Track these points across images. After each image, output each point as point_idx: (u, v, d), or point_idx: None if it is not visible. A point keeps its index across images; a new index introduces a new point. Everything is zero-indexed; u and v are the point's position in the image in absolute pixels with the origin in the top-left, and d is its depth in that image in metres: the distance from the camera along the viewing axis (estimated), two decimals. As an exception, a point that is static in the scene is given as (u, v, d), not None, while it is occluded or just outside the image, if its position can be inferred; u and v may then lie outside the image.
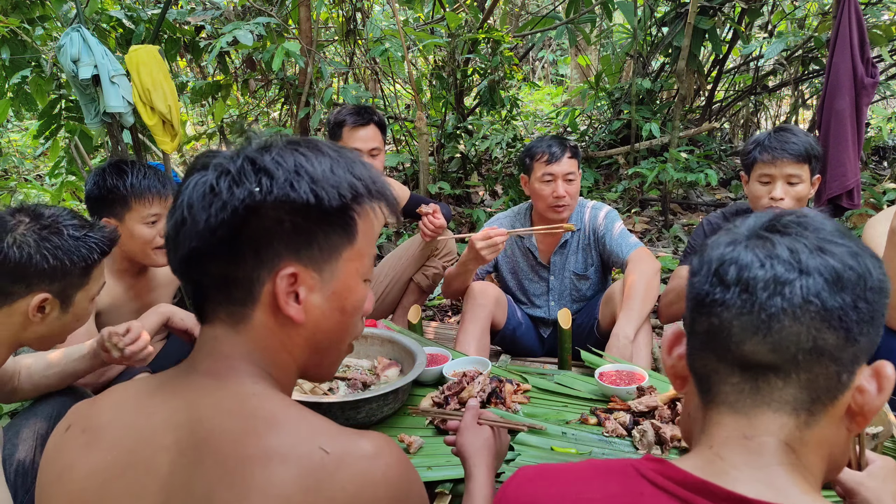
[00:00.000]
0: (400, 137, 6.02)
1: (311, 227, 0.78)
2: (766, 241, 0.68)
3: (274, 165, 0.76)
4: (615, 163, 5.70)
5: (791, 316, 0.64)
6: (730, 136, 6.69)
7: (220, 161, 0.78)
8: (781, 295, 0.65)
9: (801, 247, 0.66)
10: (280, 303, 0.78)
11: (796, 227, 0.68)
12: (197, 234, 0.76)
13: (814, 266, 0.65)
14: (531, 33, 5.96)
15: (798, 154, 2.08)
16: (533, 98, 10.06)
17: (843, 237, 0.68)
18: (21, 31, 4.15)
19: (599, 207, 2.63)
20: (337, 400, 1.65)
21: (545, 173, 2.46)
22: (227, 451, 0.71)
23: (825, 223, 0.69)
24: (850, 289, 0.65)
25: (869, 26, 4.36)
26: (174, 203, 0.80)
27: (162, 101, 3.78)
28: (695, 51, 4.90)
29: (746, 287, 0.66)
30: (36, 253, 1.36)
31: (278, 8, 4.86)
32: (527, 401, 1.83)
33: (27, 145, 7.50)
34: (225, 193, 0.75)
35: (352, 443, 0.73)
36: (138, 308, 2.16)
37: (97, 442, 0.78)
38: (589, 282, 2.65)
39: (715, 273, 0.69)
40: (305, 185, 0.76)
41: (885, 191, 4.67)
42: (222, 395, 0.76)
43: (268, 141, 0.80)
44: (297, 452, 0.70)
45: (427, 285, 2.93)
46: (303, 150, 0.79)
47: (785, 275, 0.65)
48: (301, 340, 0.82)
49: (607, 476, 0.71)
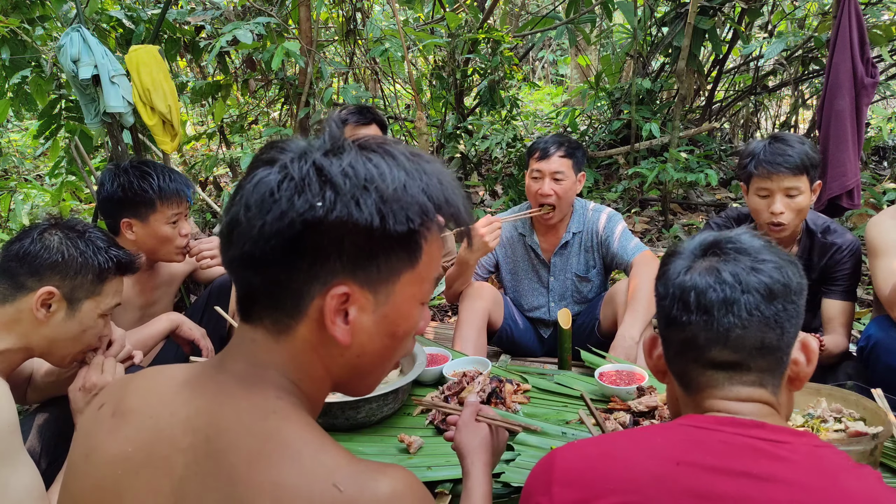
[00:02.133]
0: (400, 137, 6.02)
1: (373, 248, 0.72)
2: (714, 269, 0.89)
3: (342, 177, 0.70)
4: (615, 163, 5.70)
5: (741, 327, 0.87)
6: (730, 136, 6.68)
7: (286, 161, 0.73)
8: (732, 313, 0.87)
9: (740, 270, 0.88)
10: (327, 321, 0.73)
11: (733, 253, 0.90)
12: (251, 239, 0.71)
13: (752, 285, 0.87)
14: (531, 33, 5.95)
15: (794, 167, 2.02)
16: (533, 98, 10.06)
17: (770, 253, 0.90)
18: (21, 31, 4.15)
19: (601, 210, 2.62)
20: (337, 400, 1.65)
21: (534, 169, 2.48)
22: (240, 472, 0.69)
23: (753, 242, 0.92)
24: (780, 297, 0.88)
25: (869, 26, 4.35)
26: (233, 197, 0.75)
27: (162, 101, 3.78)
28: (695, 51, 4.90)
29: (706, 310, 0.88)
30: (55, 248, 1.41)
31: (278, 8, 4.86)
32: (527, 401, 1.83)
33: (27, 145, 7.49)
34: (284, 202, 0.70)
35: (369, 482, 0.67)
36: (143, 304, 2.17)
37: (121, 430, 0.78)
38: (590, 284, 2.65)
39: (679, 299, 0.90)
40: (372, 203, 0.70)
41: (885, 191, 4.66)
42: (245, 407, 0.73)
43: (341, 142, 0.74)
44: (309, 490, 0.66)
45: None
46: (377, 159, 0.72)
47: (732, 295, 0.87)
48: (343, 361, 0.78)
49: (659, 431, 0.90)
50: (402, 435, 1.64)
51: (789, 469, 0.79)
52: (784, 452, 0.81)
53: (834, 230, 2.20)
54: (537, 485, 0.89)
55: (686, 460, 0.82)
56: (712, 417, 0.87)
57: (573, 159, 2.47)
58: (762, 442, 0.82)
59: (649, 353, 0.99)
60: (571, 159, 2.47)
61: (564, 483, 0.85)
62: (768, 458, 0.80)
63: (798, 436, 0.84)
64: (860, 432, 1.40)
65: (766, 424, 0.85)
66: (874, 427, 1.42)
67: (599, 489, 0.83)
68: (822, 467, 0.80)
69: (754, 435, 0.83)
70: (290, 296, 0.73)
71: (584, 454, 0.89)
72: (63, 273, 1.41)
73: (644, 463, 0.83)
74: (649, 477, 0.81)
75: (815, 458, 0.81)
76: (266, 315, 0.76)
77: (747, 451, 0.81)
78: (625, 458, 0.85)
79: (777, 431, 0.84)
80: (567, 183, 2.46)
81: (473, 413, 1.27)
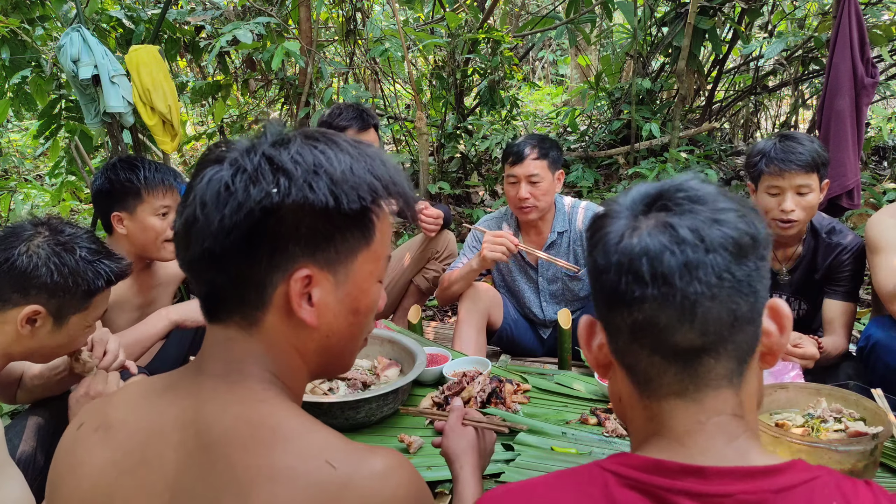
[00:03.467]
0: (400, 137, 6.02)
1: (330, 229, 0.75)
2: (667, 224, 0.68)
3: (292, 164, 0.73)
4: (615, 163, 5.69)
5: (709, 297, 0.67)
6: (730, 136, 6.68)
7: (235, 156, 0.75)
8: (698, 279, 0.66)
9: (700, 223, 0.67)
10: (293, 306, 0.75)
11: (687, 203, 0.70)
12: (210, 235, 0.72)
13: (717, 241, 0.67)
14: (531, 33, 5.95)
15: (806, 164, 2.02)
16: (533, 98, 10.06)
17: (726, 199, 0.70)
18: (21, 31, 4.15)
19: (578, 204, 2.62)
20: (337, 400, 1.65)
21: (509, 174, 2.47)
22: (235, 459, 0.70)
23: (705, 188, 0.72)
24: (750, 253, 0.68)
25: (869, 26, 4.35)
26: (185, 198, 0.76)
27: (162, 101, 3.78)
28: (695, 51, 4.90)
29: (664, 279, 0.67)
30: (43, 265, 1.35)
31: (278, 8, 4.86)
32: (527, 401, 1.83)
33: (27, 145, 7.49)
34: (241, 193, 0.72)
35: (361, 460, 0.70)
36: (141, 304, 2.17)
37: (110, 439, 0.78)
38: (582, 283, 2.64)
39: (628, 270, 0.68)
40: (324, 185, 0.72)
41: (885, 191, 4.66)
42: (231, 399, 0.75)
43: (285, 135, 0.77)
44: (304, 468, 0.68)
45: (427, 287, 2.94)
46: (322, 146, 0.75)
47: (694, 257, 0.66)
48: (314, 344, 0.80)
49: (574, 481, 0.72)
50: (402, 435, 1.64)
51: None
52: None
53: (839, 231, 2.20)
54: None
55: None
56: (640, 460, 0.69)
57: (547, 159, 2.44)
58: (687, 500, 0.65)
59: (587, 342, 0.78)
60: (546, 159, 2.44)
61: None
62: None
63: (753, 479, 0.66)
64: (860, 432, 1.40)
65: (706, 469, 0.66)
66: (874, 427, 1.42)
67: None
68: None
69: (685, 489, 0.65)
70: (253, 287, 0.75)
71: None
72: (50, 293, 1.36)
73: None
74: None
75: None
76: (235, 311, 0.77)
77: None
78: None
79: (722, 478, 0.65)
80: (544, 184, 2.44)
81: (459, 417, 1.27)
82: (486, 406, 1.73)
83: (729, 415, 0.70)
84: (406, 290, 2.97)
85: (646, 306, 0.68)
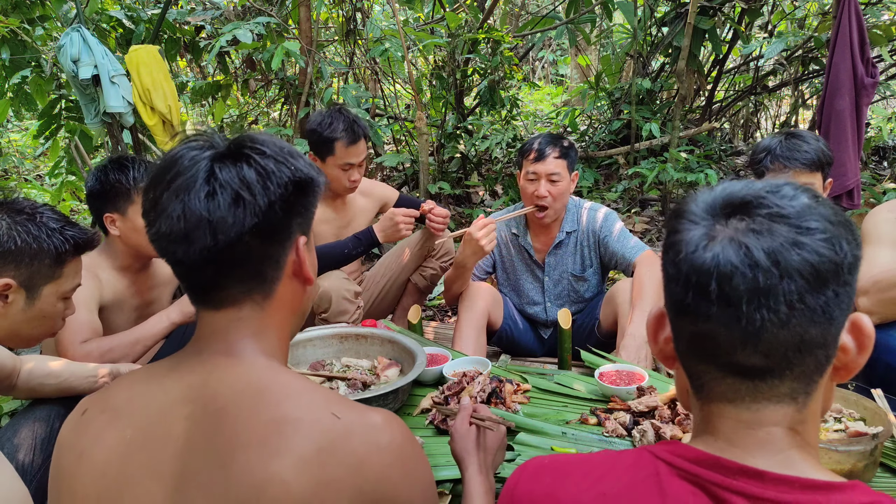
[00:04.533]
0: (400, 137, 6.02)
1: (312, 199, 0.87)
2: (741, 244, 0.65)
3: (274, 148, 0.83)
4: (615, 163, 5.70)
5: (778, 324, 0.64)
6: (730, 136, 6.68)
7: (218, 139, 0.83)
8: (766, 307, 0.64)
9: (778, 245, 0.64)
10: (304, 268, 0.87)
11: (767, 221, 0.66)
12: (255, 214, 0.79)
13: (793, 266, 0.63)
14: (531, 33, 5.95)
15: (811, 162, 2.02)
16: (533, 98, 10.06)
17: (817, 217, 0.65)
18: (21, 31, 4.15)
19: (597, 208, 2.61)
20: (337, 400, 1.65)
21: (529, 171, 2.46)
22: (245, 417, 0.75)
23: (795, 201, 0.67)
24: (830, 281, 0.64)
25: (869, 26, 4.35)
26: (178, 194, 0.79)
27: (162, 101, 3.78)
28: (695, 51, 4.90)
29: (729, 301, 0.65)
30: (5, 235, 1.31)
31: (278, 8, 4.86)
32: (527, 401, 1.83)
33: (27, 145, 7.49)
34: (276, 174, 0.81)
35: (362, 413, 0.78)
36: (139, 304, 2.17)
37: (117, 420, 0.81)
38: (587, 284, 2.64)
39: (696, 285, 0.66)
40: (303, 163, 0.84)
41: (885, 191, 4.66)
42: (238, 371, 0.80)
43: (236, 140, 0.84)
44: (311, 417, 0.75)
45: (425, 286, 2.93)
46: (257, 137, 0.85)
47: (766, 282, 0.63)
48: (306, 301, 0.92)
49: (623, 466, 0.72)
50: (402, 435, 1.64)
51: None
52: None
53: None
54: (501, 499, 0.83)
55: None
56: (698, 454, 0.69)
57: (567, 159, 2.46)
58: (743, 501, 0.64)
59: (654, 334, 0.78)
60: (566, 159, 2.45)
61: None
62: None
63: (812, 491, 0.64)
64: (860, 432, 1.40)
65: (766, 474, 0.65)
66: (874, 427, 1.42)
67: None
68: None
69: (742, 489, 0.65)
70: (272, 262, 0.84)
71: (535, 488, 0.77)
72: (17, 261, 1.32)
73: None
74: None
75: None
76: (254, 289, 0.84)
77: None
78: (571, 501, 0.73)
79: (780, 485, 0.65)
80: (562, 184, 2.45)
81: (465, 418, 1.27)
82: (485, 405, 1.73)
83: (786, 428, 0.69)
84: (404, 289, 2.97)
85: (709, 324, 0.67)
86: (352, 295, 2.47)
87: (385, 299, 2.95)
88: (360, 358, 2.01)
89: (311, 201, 0.87)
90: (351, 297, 2.46)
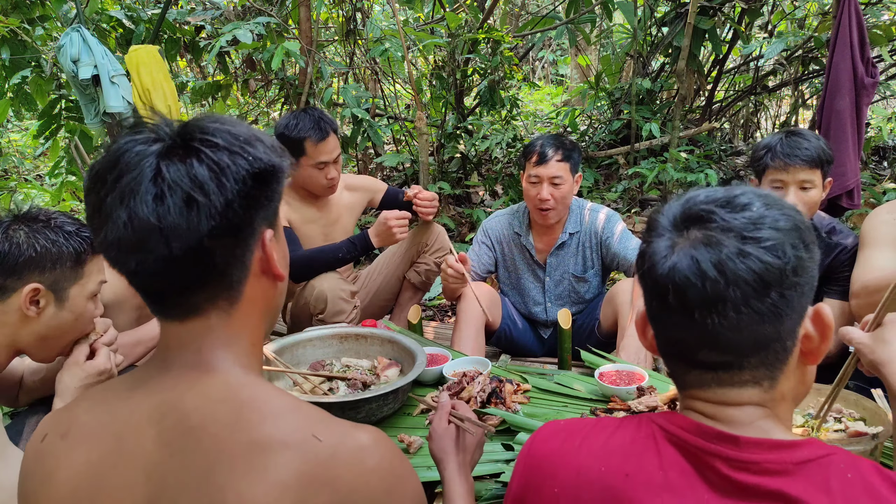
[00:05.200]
0: (400, 137, 6.02)
1: (276, 188, 0.79)
2: (693, 258, 0.73)
3: (228, 138, 0.75)
4: (615, 163, 5.70)
5: (729, 328, 0.72)
6: (730, 136, 6.68)
7: (165, 133, 0.74)
8: (717, 312, 0.72)
9: (725, 257, 0.71)
10: (272, 264, 0.80)
11: (718, 233, 0.73)
12: (210, 217, 0.71)
13: (739, 275, 0.71)
14: (531, 33, 5.95)
15: (811, 160, 2.03)
16: (533, 98, 10.06)
17: (762, 226, 0.73)
18: (21, 31, 4.15)
19: (598, 209, 2.61)
20: (337, 400, 1.65)
21: (532, 174, 2.45)
22: (223, 437, 0.70)
23: (746, 211, 0.74)
24: (773, 285, 0.71)
25: (869, 26, 4.35)
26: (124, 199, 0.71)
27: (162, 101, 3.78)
28: (695, 51, 4.90)
29: (685, 310, 0.73)
30: (24, 243, 1.36)
31: (278, 8, 4.86)
32: (527, 401, 1.83)
33: (27, 145, 7.50)
34: (231, 167, 0.73)
35: (345, 434, 0.73)
36: (139, 304, 2.17)
37: (81, 443, 0.77)
38: (588, 284, 2.64)
39: (659, 295, 0.76)
40: (262, 149, 0.76)
41: (885, 191, 4.66)
42: (211, 385, 0.75)
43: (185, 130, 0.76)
44: (294, 439, 0.70)
45: (420, 282, 2.92)
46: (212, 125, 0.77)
47: (714, 291, 0.71)
48: (277, 298, 0.85)
49: (627, 427, 0.82)
50: (401, 435, 1.64)
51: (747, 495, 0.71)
52: (746, 477, 0.72)
53: (839, 231, 2.20)
54: None
55: (635, 473, 0.76)
56: (685, 421, 0.78)
57: (570, 161, 2.44)
58: (722, 463, 0.73)
59: (642, 332, 0.87)
60: (569, 162, 2.43)
61: (525, 466, 0.87)
62: (722, 479, 0.73)
63: (779, 450, 0.73)
64: (860, 432, 1.40)
65: (740, 438, 0.74)
66: (874, 427, 1.42)
67: (546, 483, 0.82)
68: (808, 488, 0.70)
69: (719, 452, 0.74)
70: (238, 263, 0.77)
71: (550, 445, 0.85)
72: (41, 267, 1.37)
73: (596, 469, 0.79)
74: (596, 489, 0.78)
75: (798, 477, 0.71)
76: (219, 294, 0.77)
77: (705, 470, 0.74)
78: (580, 458, 0.81)
79: (752, 447, 0.73)
80: (566, 187, 2.44)
81: (443, 417, 1.24)
82: (485, 406, 1.73)
83: (755, 405, 0.77)
84: (401, 287, 2.96)
85: (674, 329, 0.77)
86: (348, 295, 2.46)
87: (380, 297, 2.94)
88: (360, 358, 2.01)
89: (276, 189, 0.78)
90: (347, 297, 2.46)
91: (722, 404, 0.77)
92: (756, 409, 0.77)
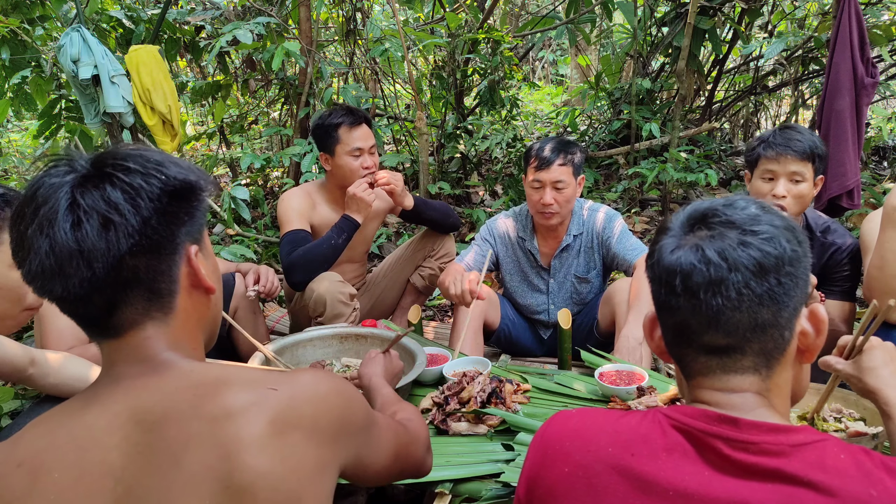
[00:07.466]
0: (400, 137, 6.02)
1: (196, 204, 0.83)
2: (698, 247, 0.82)
3: (139, 161, 0.79)
4: (615, 163, 5.70)
5: (731, 308, 0.80)
6: (730, 136, 6.68)
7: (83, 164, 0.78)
8: (720, 294, 0.80)
9: (727, 246, 0.81)
10: (200, 277, 0.85)
11: (719, 228, 0.83)
12: (129, 236, 0.76)
13: (740, 261, 0.80)
14: (531, 33, 5.95)
15: (802, 152, 2.06)
16: (533, 98, 10.06)
17: (762, 223, 0.83)
18: (21, 31, 4.15)
19: (596, 208, 2.60)
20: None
21: (534, 179, 2.43)
22: (188, 417, 0.74)
23: (744, 212, 0.84)
24: (771, 271, 0.80)
25: (869, 26, 4.35)
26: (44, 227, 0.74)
27: (162, 101, 3.78)
28: (695, 51, 4.90)
29: (692, 293, 0.82)
30: None
31: (278, 8, 4.86)
32: (527, 401, 1.83)
33: (27, 145, 7.49)
34: (145, 189, 0.77)
35: (294, 377, 0.82)
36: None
37: (39, 468, 0.75)
38: (590, 285, 2.64)
39: (666, 283, 0.84)
40: (176, 168, 0.81)
41: (885, 191, 4.66)
42: (163, 381, 0.79)
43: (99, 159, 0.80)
44: (254, 397, 0.76)
45: (423, 286, 2.93)
46: (134, 148, 0.83)
47: (718, 275, 0.80)
48: (209, 311, 0.90)
49: (635, 415, 0.88)
50: (401, 435, 1.64)
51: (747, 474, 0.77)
52: (745, 457, 0.78)
53: (834, 230, 2.20)
54: None
55: (640, 452, 0.82)
56: (690, 409, 0.84)
57: (573, 165, 2.42)
58: (722, 443, 0.79)
59: (650, 333, 0.94)
60: (571, 166, 2.41)
61: (538, 448, 0.93)
62: (721, 459, 0.78)
63: (776, 433, 0.79)
64: (860, 432, 1.40)
65: (740, 420, 0.80)
66: (874, 427, 1.42)
67: (558, 463, 0.88)
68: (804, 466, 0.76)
69: (720, 433, 0.80)
70: (166, 278, 0.82)
71: (563, 428, 0.92)
72: None
73: (604, 449, 0.85)
74: (603, 467, 0.84)
75: (794, 457, 0.77)
76: (151, 308, 0.81)
77: (706, 450, 0.80)
78: (589, 439, 0.87)
79: (750, 429, 0.79)
80: (568, 191, 2.42)
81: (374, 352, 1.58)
82: (485, 406, 1.73)
83: (753, 393, 0.84)
84: (404, 290, 2.97)
85: (681, 313, 0.84)
86: (346, 297, 2.46)
87: (383, 300, 2.95)
88: (360, 358, 2.01)
89: (197, 207, 0.83)
90: (346, 299, 2.46)
91: (725, 391, 0.84)
92: (755, 397, 0.84)
